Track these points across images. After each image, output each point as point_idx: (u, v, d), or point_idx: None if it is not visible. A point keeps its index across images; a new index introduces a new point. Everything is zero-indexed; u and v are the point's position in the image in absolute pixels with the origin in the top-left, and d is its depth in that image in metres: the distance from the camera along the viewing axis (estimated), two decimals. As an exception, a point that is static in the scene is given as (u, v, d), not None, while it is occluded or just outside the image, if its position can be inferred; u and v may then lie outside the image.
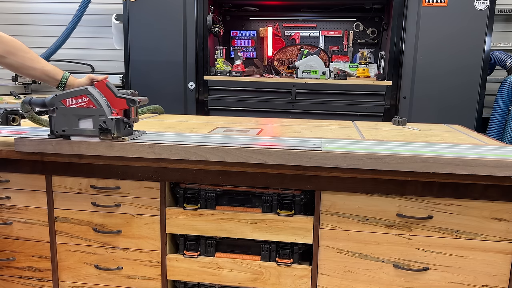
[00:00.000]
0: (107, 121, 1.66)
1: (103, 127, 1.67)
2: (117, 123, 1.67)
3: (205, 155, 1.66)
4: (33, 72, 1.72)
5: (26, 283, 1.98)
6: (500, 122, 3.56)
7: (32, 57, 1.71)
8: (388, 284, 1.71)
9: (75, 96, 1.68)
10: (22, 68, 1.70)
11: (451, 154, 1.58)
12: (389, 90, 3.45)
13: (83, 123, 1.70)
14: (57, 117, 1.72)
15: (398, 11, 3.36)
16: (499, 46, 3.86)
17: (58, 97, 1.70)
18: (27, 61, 1.70)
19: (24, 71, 1.72)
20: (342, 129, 2.34)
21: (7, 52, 1.66)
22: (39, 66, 1.72)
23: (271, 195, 1.77)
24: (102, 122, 1.67)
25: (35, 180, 1.88)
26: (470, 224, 1.62)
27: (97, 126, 1.68)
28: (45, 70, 1.74)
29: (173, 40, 3.62)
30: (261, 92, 3.62)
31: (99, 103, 1.66)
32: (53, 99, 1.71)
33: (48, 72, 1.75)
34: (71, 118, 1.70)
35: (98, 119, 1.67)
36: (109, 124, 1.67)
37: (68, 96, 1.69)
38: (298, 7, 4.06)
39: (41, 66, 1.73)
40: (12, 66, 1.70)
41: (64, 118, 1.70)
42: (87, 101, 1.67)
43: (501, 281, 1.64)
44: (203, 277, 1.83)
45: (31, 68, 1.71)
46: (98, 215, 1.87)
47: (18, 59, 1.68)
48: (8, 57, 1.67)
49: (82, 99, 1.67)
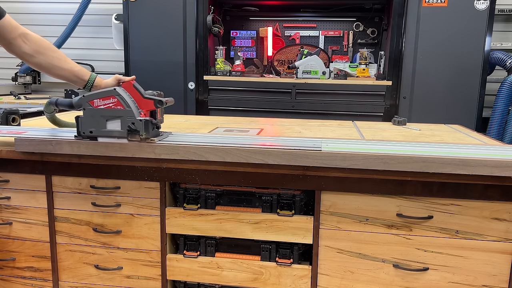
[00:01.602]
0: (135, 122, 1.64)
1: (131, 128, 1.65)
2: (146, 124, 1.65)
3: (205, 155, 1.66)
4: (62, 72, 1.69)
5: (26, 283, 1.98)
6: (500, 122, 3.56)
7: (60, 57, 1.69)
8: (388, 284, 1.71)
9: (103, 97, 1.66)
10: (51, 68, 1.68)
11: (451, 154, 1.58)
12: (389, 90, 3.45)
13: (111, 124, 1.67)
14: (85, 118, 1.69)
15: (398, 11, 3.36)
16: (499, 46, 3.86)
17: (85, 98, 1.68)
18: (55, 61, 1.67)
19: (52, 71, 1.69)
20: (342, 129, 2.34)
21: (36, 52, 1.64)
22: (68, 66, 1.70)
23: (271, 195, 1.77)
24: (131, 123, 1.64)
25: (35, 180, 1.88)
26: (470, 224, 1.62)
27: (126, 127, 1.65)
28: (73, 70, 1.71)
29: (173, 40, 3.62)
30: (261, 92, 3.62)
31: (127, 104, 1.64)
32: (81, 100, 1.68)
33: (76, 73, 1.72)
34: (99, 119, 1.68)
35: (127, 120, 1.65)
36: (138, 125, 1.65)
37: (96, 97, 1.67)
38: (298, 7, 4.07)
39: (69, 66, 1.70)
40: (41, 66, 1.67)
41: (92, 119, 1.68)
42: (115, 102, 1.65)
43: (501, 281, 1.64)
44: (203, 277, 1.83)
45: (60, 68, 1.68)
46: (98, 215, 1.87)
47: (47, 58, 1.66)
48: (37, 57, 1.64)
49: (110, 100, 1.65)
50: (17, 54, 1.66)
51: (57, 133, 1.86)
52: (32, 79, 4.65)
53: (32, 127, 2.09)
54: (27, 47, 1.63)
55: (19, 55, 1.66)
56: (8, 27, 1.59)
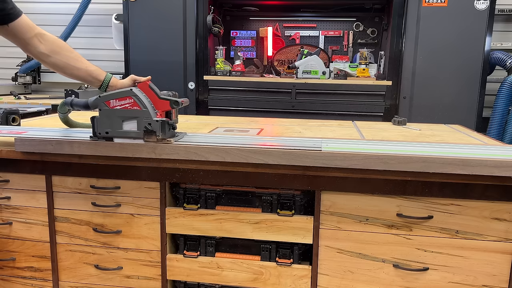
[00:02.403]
0: (152, 122, 1.64)
1: (148, 129, 1.64)
2: (162, 125, 1.65)
3: (205, 155, 1.66)
4: (77, 72, 1.68)
5: (26, 283, 1.98)
6: (500, 122, 3.56)
7: (76, 57, 1.68)
8: (388, 284, 1.71)
9: (120, 97, 1.65)
10: (66, 67, 1.67)
11: (451, 154, 1.58)
12: (389, 90, 3.45)
13: (127, 125, 1.67)
14: (101, 119, 1.68)
15: (398, 11, 3.36)
16: (499, 46, 3.86)
17: (101, 98, 1.67)
18: (71, 60, 1.66)
19: (68, 71, 1.68)
20: (342, 129, 2.34)
21: (51, 51, 1.63)
22: (83, 66, 1.69)
23: (271, 195, 1.77)
24: (147, 124, 1.64)
25: (35, 180, 1.88)
26: (470, 224, 1.62)
27: (142, 128, 1.65)
28: (88, 70, 1.70)
29: (173, 40, 3.62)
30: (261, 92, 3.62)
31: (144, 104, 1.63)
32: (97, 100, 1.68)
33: (92, 72, 1.71)
34: (115, 120, 1.67)
35: (143, 121, 1.64)
36: (154, 126, 1.64)
37: (112, 98, 1.66)
38: (298, 7, 4.07)
39: (84, 66, 1.69)
40: (57, 66, 1.66)
41: (108, 119, 1.67)
42: (132, 103, 1.64)
43: (501, 281, 1.64)
44: (203, 277, 1.83)
45: (75, 68, 1.67)
46: (98, 215, 1.87)
47: (62, 58, 1.65)
48: (52, 56, 1.64)
49: (127, 100, 1.64)
50: (33, 54, 1.65)
51: (59, 133, 1.86)
52: (32, 79, 4.65)
53: (32, 127, 2.09)
54: (43, 46, 1.62)
55: (35, 54, 1.65)
56: (25, 27, 1.58)
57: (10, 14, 1.52)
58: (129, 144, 1.69)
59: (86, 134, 1.78)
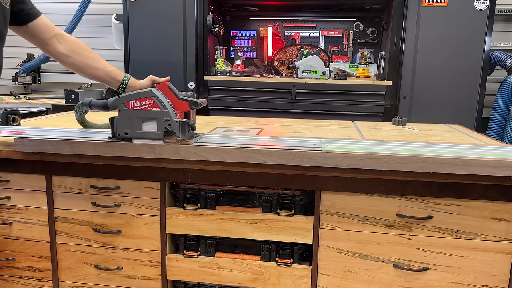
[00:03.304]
0: (172, 123, 1.63)
1: (168, 130, 1.64)
2: (182, 126, 1.64)
3: (205, 155, 1.66)
4: (96, 72, 1.68)
5: (26, 283, 1.98)
6: (500, 122, 3.56)
7: (94, 57, 1.68)
8: (388, 284, 1.71)
9: (139, 98, 1.64)
10: (85, 68, 1.66)
11: (451, 154, 1.58)
12: (389, 90, 3.45)
13: (147, 126, 1.66)
14: (120, 120, 1.67)
15: (398, 11, 3.36)
16: (499, 46, 3.86)
17: (121, 99, 1.66)
18: (90, 61, 1.66)
19: (87, 71, 1.68)
20: (342, 129, 2.33)
21: (71, 51, 1.63)
22: (102, 66, 1.68)
23: (271, 195, 1.77)
24: (167, 125, 1.63)
25: (35, 180, 1.88)
26: (470, 224, 1.62)
27: (162, 129, 1.64)
28: (107, 70, 1.69)
29: (173, 40, 3.62)
30: (261, 92, 3.62)
31: (164, 105, 1.63)
32: (116, 101, 1.67)
33: (110, 73, 1.70)
34: (135, 121, 1.66)
35: (163, 122, 1.63)
36: (174, 127, 1.63)
37: (132, 98, 1.65)
38: (298, 7, 4.07)
39: (103, 67, 1.69)
40: (76, 66, 1.66)
41: (127, 120, 1.67)
42: (152, 103, 1.63)
43: (501, 281, 1.64)
44: (203, 277, 1.83)
45: (94, 68, 1.67)
46: (98, 215, 1.87)
47: (81, 58, 1.65)
48: (72, 57, 1.64)
49: (147, 101, 1.63)
50: (52, 54, 1.65)
51: (59, 133, 1.86)
52: (32, 79, 4.66)
53: (32, 127, 2.09)
54: (62, 47, 1.62)
55: (54, 55, 1.65)
56: (44, 27, 1.58)
57: (29, 14, 1.52)
58: (129, 144, 1.69)
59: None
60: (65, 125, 2.23)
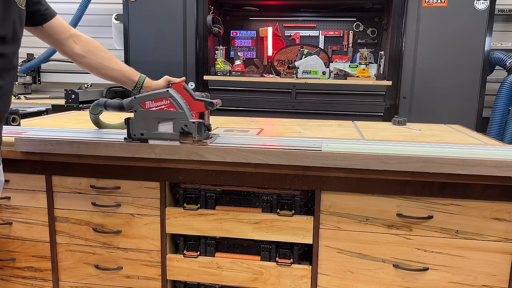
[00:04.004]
0: (188, 124, 1.63)
1: (184, 131, 1.63)
2: (199, 127, 1.63)
3: (205, 155, 1.66)
4: (111, 72, 1.67)
5: (26, 283, 1.98)
6: (500, 122, 3.56)
7: (110, 57, 1.67)
8: (388, 284, 1.71)
9: (156, 98, 1.64)
10: (101, 68, 1.65)
11: (451, 154, 1.58)
12: (389, 90, 3.45)
13: (163, 126, 1.66)
14: (136, 120, 1.67)
15: (398, 11, 3.36)
16: (499, 46, 3.85)
17: (137, 99, 1.66)
18: (105, 61, 1.65)
19: (102, 72, 1.66)
20: (342, 129, 2.33)
21: (86, 51, 1.62)
22: (117, 67, 1.67)
23: (271, 195, 1.77)
24: (184, 126, 1.63)
25: (35, 180, 1.88)
26: (470, 224, 1.62)
27: (178, 130, 1.64)
28: (122, 70, 1.68)
29: (173, 40, 3.62)
30: (261, 92, 3.62)
31: (180, 106, 1.62)
32: (132, 102, 1.67)
33: (126, 73, 1.69)
34: (151, 121, 1.66)
35: (179, 123, 1.63)
36: (191, 128, 1.63)
37: (148, 99, 1.65)
38: (298, 7, 4.06)
39: (119, 67, 1.68)
40: (91, 66, 1.65)
41: (143, 121, 1.66)
42: (168, 104, 1.63)
43: (501, 281, 1.64)
44: (203, 277, 1.83)
45: (110, 68, 1.66)
46: (98, 215, 1.87)
47: (97, 59, 1.64)
48: (87, 57, 1.63)
49: (163, 101, 1.63)
50: (68, 54, 1.63)
51: (59, 133, 1.86)
52: (32, 79, 4.65)
53: (32, 127, 2.09)
54: (78, 47, 1.62)
55: (70, 55, 1.63)
56: (59, 27, 1.58)
57: (45, 15, 1.51)
58: (129, 144, 1.69)
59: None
60: (65, 125, 2.23)
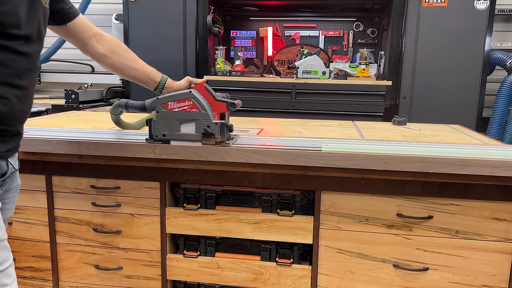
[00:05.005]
0: (211, 125, 1.62)
1: (207, 132, 1.63)
2: (222, 128, 1.63)
3: (205, 155, 1.66)
4: (134, 73, 1.66)
5: (26, 283, 1.98)
6: (500, 122, 3.56)
7: (133, 57, 1.66)
8: (388, 284, 1.71)
9: (178, 99, 1.63)
10: (124, 68, 1.64)
11: (451, 154, 1.58)
12: (389, 90, 3.45)
13: (185, 127, 1.65)
14: (158, 121, 1.66)
15: (398, 11, 3.36)
16: (499, 46, 3.85)
17: (159, 100, 1.65)
18: (128, 61, 1.64)
19: (125, 72, 1.66)
20: (342, 129, 2.33)
21: (109, 51, 1.61)
22: (140, 67, 1.66)
23: (271, 195, 1.77)
24: (206, 127, 1.62)
25: (35, 180, 1.88)
26: (470, 224, 1.62)
27: (201, 131, 1.63)
28: (145, 71, 1.67)
29: (173, 40, 3.62)
30: (261, 92, 3.61)
31: (203, 107, 1.62)
32: (154, 103, 1.66)
33: (148, 74, 1.68)
34: (173, 122, 1.65)
35: (202, 123, 1.63)
36: (213, 129, 1.62)
37: (170, 100, 1.64)
38: (298, 7, 4.06)
39: (141, 67, 1.66)
40: (114, 66, 1.64)
41: (166, 122, 1.65)
42: (191, 105, 1.62)
43: (501, 281, 1.64)
44: (203, 277, 1.83)
45: (133, 68, 1.65)
46: (98, 215, 1.87)
47: (120, 58, 1.63)
48: (110, 57, 1.61)
49: (186, 102, 1.62)
50: (91, 54, 1.62)
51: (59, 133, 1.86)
52: (32, 79, 4.64)
53: (32, 127, 2.09)
54: (101, 47, 1.60)
55: (93, 55, 1.62)
56: (83, 26, 1.56)
57: (69, 13, 1.50)
58: (129, 144, 1.69)
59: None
60: (65, 125, 2.23)
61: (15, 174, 1.35)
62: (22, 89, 1.21)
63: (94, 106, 3.72)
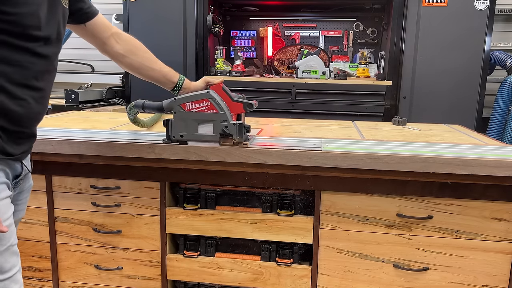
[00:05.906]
0: (229, 126, 1.62)
1: (225, 132, 1.62)
2: (239, 128, 1.62)
3: (205, 155, 1.66)
4: (152, 73, 1.65)
5: (26, 283, 1.98)
6: (500, 122, 3.56)
7: (151, 57, 1.65)
8: (388, 284, 1.71)
9: (196, 100, 1.62)
10: (142, 68, 1.63)
11: (451, 154, 1.58)
12: (389, 90, 3.45)
13: (202, 128, 1.64)
14: (175, 122, 1.66)
15: (398, 11, 3.36)
16: (499, 46, 3.85)
17: (177, 101, 1.64)
18: (146, 61, 1.63)
19: (143, 72, 1.65)
20: (342, 129, 2.33)
21: (128, 51, 1.60)
22: (158, 67, 1.65)
23: (271, 195, 1.77)
24: (224, 127, 1.62)
25: (35, 180, 1.85)
26: (470, 224, 1.62)
27: (218, 131, 1.63)
28: (163, 71, 1.66)
29: (173, 40, 3.62)
30: (261, 92, 3.61)
31: (221, 107, 1.61)
32: (172, 103, 1.65)
33: (166, 74, 1.67)
34: (190, 123, 1.64)
35: (220, 124, 1.62)
36: (231, 129, 1.62)
37: (188, 100, 1.63)
38: (298, 7, 4.06)
39: (159, 68, 1.66)
40: (132, 66, 1.63)
41: (183, 123, 1.65)
42: (209, 106, 1.61)
43: (501, 281, 1.64)
44: (203, 277, 1.83)
45: (150, 69, 1.64)
46: (98, 215, 1.87)
47: (138, 58, 1.62)
48: (129, 57, 1.60)
49: (203, 103, 1.62)
50: (109, 54, 1.61)
51: (59, 133, 1.87)
52: (32, 79, 4.65)
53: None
54: (120, 46, 1.59)
55: (111, 54, 1.61)
56: (101, 26, 1.54)
57: (88, 13, 1.49)
58: (129, 144, 1.69)
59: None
60: (65, 125, 2.23)
61: (28, 175, 1.35)
62: (39, 91, 1.20)
63: (94, 106, 3.72)
